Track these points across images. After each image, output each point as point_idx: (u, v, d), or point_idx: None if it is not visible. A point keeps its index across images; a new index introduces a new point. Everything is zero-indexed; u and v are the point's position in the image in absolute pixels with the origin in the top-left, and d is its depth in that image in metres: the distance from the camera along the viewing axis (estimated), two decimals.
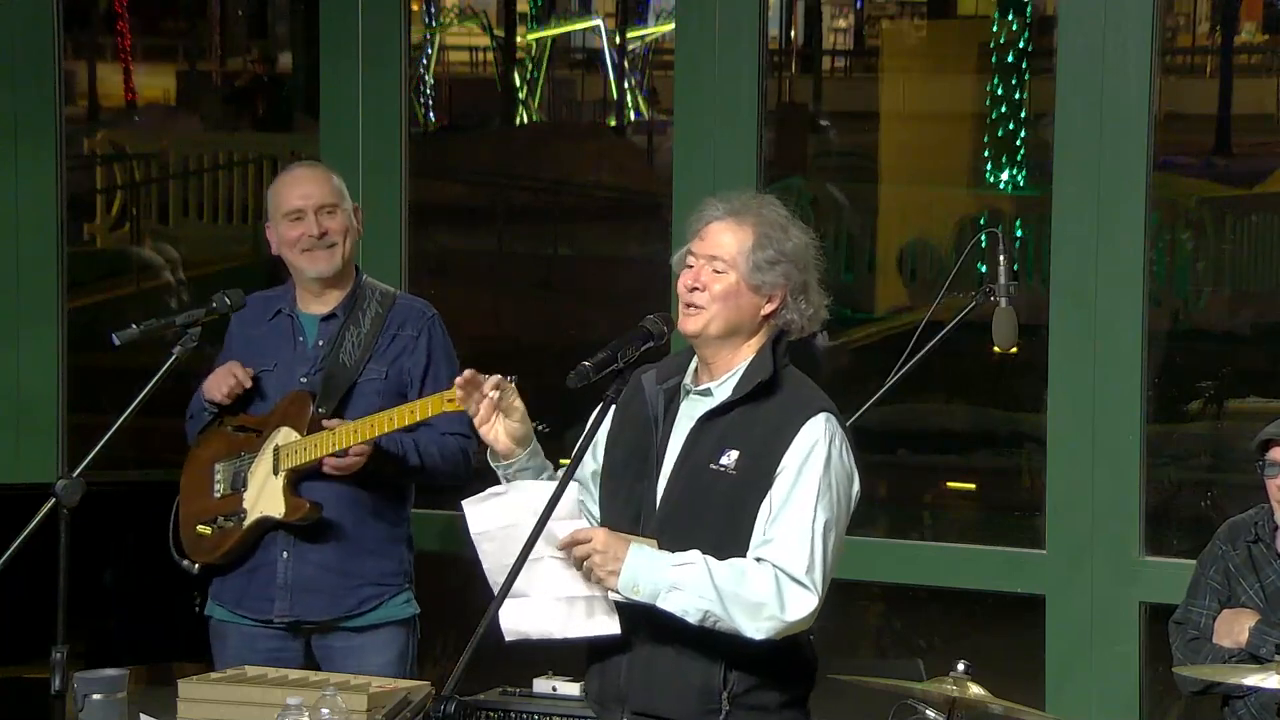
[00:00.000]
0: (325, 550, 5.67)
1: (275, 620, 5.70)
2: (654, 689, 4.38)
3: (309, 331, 5.74)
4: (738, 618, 4.26)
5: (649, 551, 4.31)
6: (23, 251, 7.35)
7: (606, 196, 12.46)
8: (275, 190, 5.77)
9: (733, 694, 4.35)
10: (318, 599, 5.68)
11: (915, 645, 8.07)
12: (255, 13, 13.33)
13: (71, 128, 9.26)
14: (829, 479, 4.33)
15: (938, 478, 10.04)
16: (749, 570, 4.28)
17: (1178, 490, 7.98)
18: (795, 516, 4.29)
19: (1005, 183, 11.26)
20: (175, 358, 5.18)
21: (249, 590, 5.72)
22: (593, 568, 4.31)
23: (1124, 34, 6.12)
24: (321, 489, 5.63)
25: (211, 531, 5.71)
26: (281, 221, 5.72)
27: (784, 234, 4.40)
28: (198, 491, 5.77)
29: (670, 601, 4.28)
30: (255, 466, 5.67)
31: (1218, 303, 9.85)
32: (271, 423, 5.67)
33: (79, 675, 4.89)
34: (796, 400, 4.39)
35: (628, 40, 13.48)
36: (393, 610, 5.77)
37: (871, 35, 13.79)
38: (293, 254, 5.71)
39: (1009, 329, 5.53)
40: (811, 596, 4.27)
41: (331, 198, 5.72)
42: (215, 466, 5.74)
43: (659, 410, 4.46)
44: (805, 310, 4.42)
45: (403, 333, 5.74)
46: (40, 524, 4.88)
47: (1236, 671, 5.11)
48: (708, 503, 4.35)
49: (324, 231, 5.68)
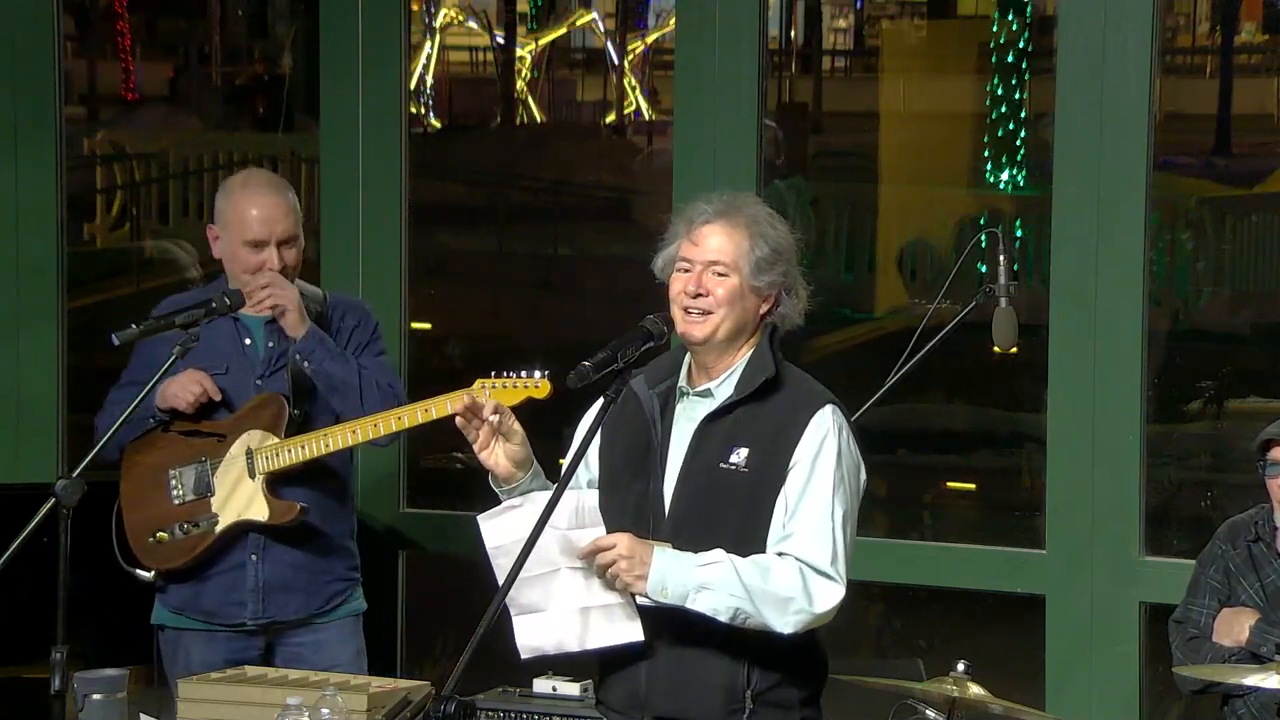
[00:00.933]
0: (296, 550, 5.66)
1: (248, 623, 5.67)
2: (679, 692, 4.38)
3: (256, 335, 5.71)
4: (767, 613, 4.27)
5: (674, 553, 4.31)
6: (23, 251, 7.35)
7: (606, 196, 12.47)
8: (235, 208, 5.65)
9: (756, 691, 4.35)
10: (292, 598, 5.67)
11: (915, 645, 8.07)
12: (255, 13, 13.33)
13: (71, 128, 9.26)
14: (841, 470, 4.35)
15: (938, 478, 10.05)
16: (774, 565, 4.29)
17: (1178, 490, 7.99)
18: (814, 509, 4.31)
19: (1005, 183, 11.27)
20: (175, 357, 5.16)
21: (212, 595, 5.66)
22: (619, 574, 4.30)
23: (1124, 34, 6.11)
24: (296, 492, 5.61)
25: (172, 537, 5.66)
26: (239, 245, 5.62)
27: (773, 230, 4.41)
28: (148, 498, 5.67)
29: (700, 602, 4.28)
30: (223, 470, 5.62)
31: (1218, 303, 9.86)
32: (239, 426, 5.62)
33: (79, 675, 4.88)
34: (801, 394, 4.40)
35: (627, 44, 13.48)
36: (354, 605, 5.79)
37: (871, 35, 13.80)
38: (247, 279, 5.62)
39: (1009, 329, 5.53)
40: (838, 587, 4.30)
41: (294, 229, 5.66)
42: (170, 472, 5.67)
43: (655, 413, 4.46)
44: (795, 304, 4.44)
45: (345, 324, 5.73)
46: (40, 524, 4.88)
47: (1236, 671, 5.11)
48: (722, 501, 4.35)
49: (284, 267, 5.63)
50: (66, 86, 7.65)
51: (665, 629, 4.35)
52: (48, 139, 7.37)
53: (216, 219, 5.71)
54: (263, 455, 5.56)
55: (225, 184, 5.77)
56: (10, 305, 7.34)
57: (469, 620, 4.12)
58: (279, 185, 5.75)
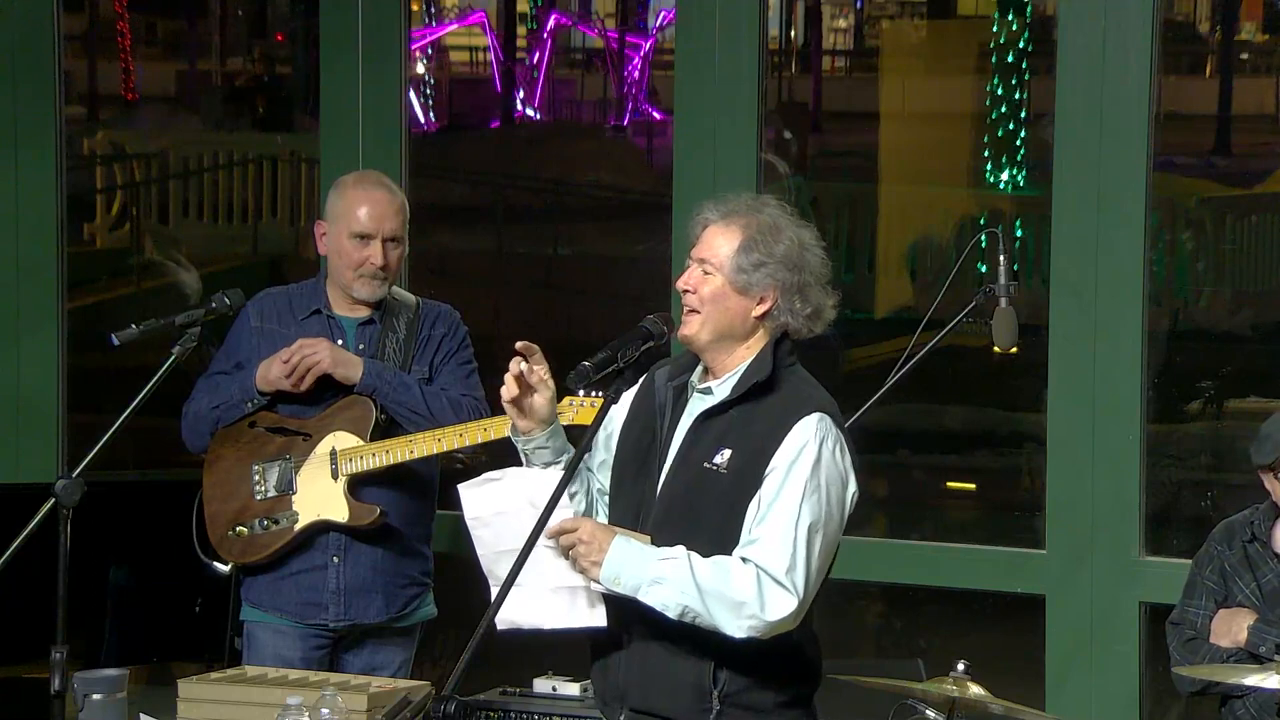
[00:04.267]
0: (377, 553, 5.69)
1: (331, 624, 5.70)
2: (650, 686, 4.38)
3: (349, 335, 5.75)
4: (718, 615, 4.25)
5: (634, 545, 4.31)
6: (23, 251, 7.35)
7: (606, 196, 12.47)
8: (346, 199, 5.73)
9: (724, 693, 4.33)
10: (372, 601, 5.71)
11: (915, 645, 8.07)
12: (255, 13, 13.33)
13: (71, 128, 9.25)
14: (817, 480, 4.30)
15: (938, 478, 10.04)
16: (733, 569, 4.26)
17: (1178, 490, 7.98)
18: (780, 517, 4.27)
19: (1005, 183, 11.26)
20: (175, 358, 5.17)
21: (294, 595, 5.71)
22: (576, 558, 4.31)
23: (1124, 34, 6.12)
24: (376, 493, 5.65)
25: (250, 532, 5.70)
26: (345, 237, 5.69)
27: (774, 236, 4.38)
28: (230, 491, 5.73)
29: (651, 595, 4.27)
30: (307, 469, 5.66)
31: (1218, 303, 9.85)
32: (325, 426, 5.67)
33: (79, 675, 4.88)
34: (792, 400, 4.37)
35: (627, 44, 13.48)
36: (427, 610, 5.84)
37: (871, 35, 13.80)
38: (348, 273, 5.70)
39: (1009, 329, 5.53)
40: (791, 598, 4.25)
41: (401, 230, 5.73)
42: (254, 466, 5.72)
43: (666, 407, 4.47)
44: (800, 310, 4.39)
45: (434, 332, 5.78)
46: (40, 524, 4.88)
47: (1236, 671, 5.11)
48: (702, 501, 4.35)
49: (386, 264, 5.68)
50: (66, 86, 7.66)
51: (638, 622, 4.34)
52: (48, 139, 7.37)
53: (326, 214, 5.79)
54: (347, 458, 5.60)
55: (339, 181, 5.86)
56: (10, 305, 7.34)
57: (469, 620, 4.12)
58: (391, 185, 5.85)
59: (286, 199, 11.35)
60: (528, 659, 5.37)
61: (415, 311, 5.79)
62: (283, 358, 5.62)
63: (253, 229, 11.57)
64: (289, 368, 5.60)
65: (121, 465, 6.68)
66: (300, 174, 11.14)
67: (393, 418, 5.64)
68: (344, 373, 5.63)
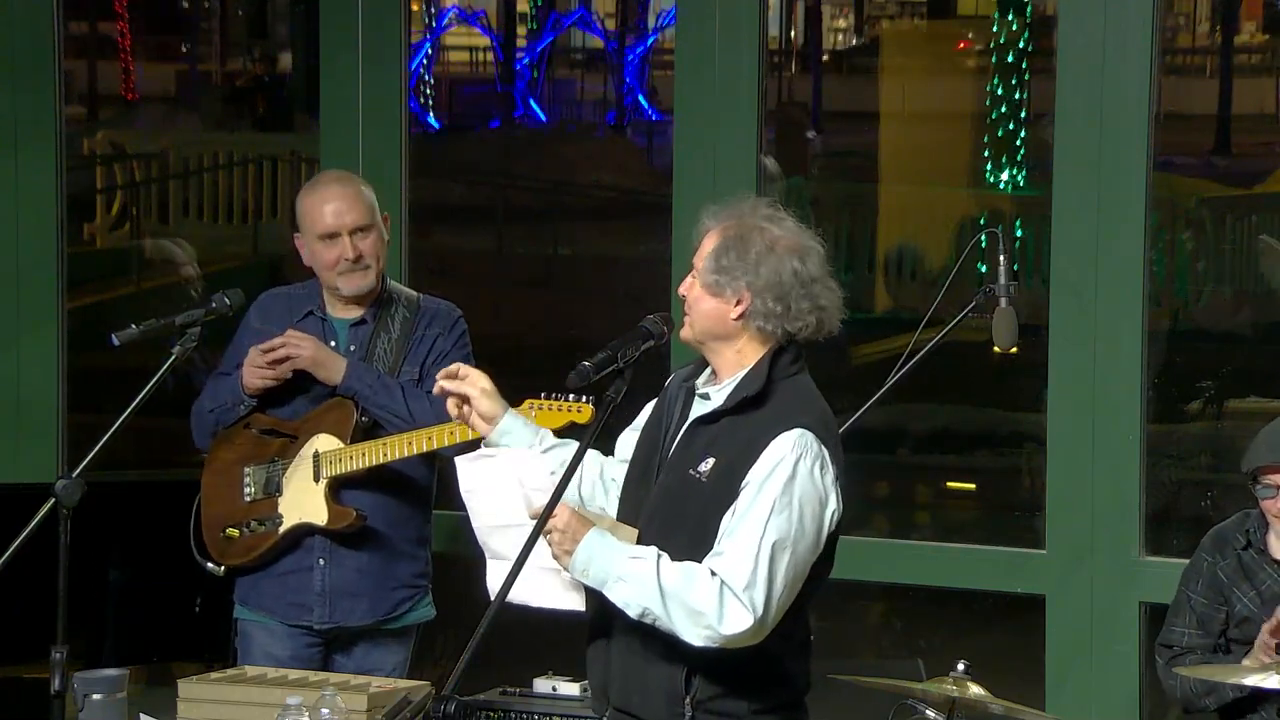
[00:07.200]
0: (362, 556, 5.69)
1: (315, 626, 5.70)
2: (628, 687, 4.38)
3: (340, 336, 5.75)
4: (677, 620, 4.21)
5: (608, 539, 4.30)
6: (23, 251, 7.35)
7: (606, 196, 12.48)
8: (307, 206, 5.72)
9: (696, 699, 4.30)
10: (358, 604, 5.70)
11: (915, 645, 8.07)
12: (255, 13, 13.34)
13: (71, 128, 9.27)
14: (789, 497, 4.23)
15: (938, 478, 10.05)
16: (699, 577, 4.22)
17: (1178, 490, 7.98)
18: (746, 533, 4.22)
19: (1005, 183, 11.27)
20: (175, 358, 5.17)
21: (282, 596, 5.72)
22: (551, 543, 4.31)
23: (1124, 34, 6.11)
24: (359, 496, 5.65)
25: (240, 534, 5.71)
26: (315, 241, 5.69)
27: (749, 238, 4.33)
28: (223, 494, 5.75)
29: (615, 592, 4.26)
30: (292, 471, 5.67)
31: (1218, 303, 9.85)
32: (309, 428, 5.67)
33: (79, 675, 4.88)
34: (778, 414, 4.31)
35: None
36: (421, 612, 5.82)
37: (871, 35, 13.81)
38: (329, 275, 5.69)
39: (1009, 329, 5.52)
40: (747, 614, 4.19)
41: (365, 218, 5.69)
42: (245, 470, 5.72)
43: (675, 409, 4.47)
44: (777, 311, 4.32)
45: (429, 332, 5.76)
46: (40, 524, 4.88)
47: (1235, 671, 5.10)
48: (683, 508, 4.33)
49: (359, 255, 5.67)
50: (66, 86, 7.66)
51: (618, 620, 4.33)
52: (48, 139, 7.37)
53: (298, 226, 5.77)
54: (327, 460, 5.61)
55: (300, 192, 5.83)
56: (10, 305, 7.34)
57: (469, 620, 4.12)
58: (347, 177, 5.84)
59: (287, 199, 11.36)
60: (528, 659, 5.37)
61: (414, 310, 5.78)
62: (263, 346, 5.63)
63: (253, 229, 11.58)
64: (269, 356, 5.61)
65: (121, 465, 6.67)
66: (300, 174, 11.14)
67: (375, 420, 5.64)
68: (325, 374, 5.63)
